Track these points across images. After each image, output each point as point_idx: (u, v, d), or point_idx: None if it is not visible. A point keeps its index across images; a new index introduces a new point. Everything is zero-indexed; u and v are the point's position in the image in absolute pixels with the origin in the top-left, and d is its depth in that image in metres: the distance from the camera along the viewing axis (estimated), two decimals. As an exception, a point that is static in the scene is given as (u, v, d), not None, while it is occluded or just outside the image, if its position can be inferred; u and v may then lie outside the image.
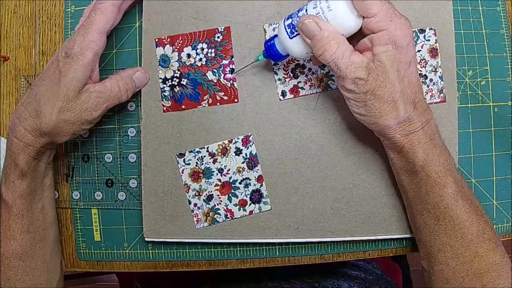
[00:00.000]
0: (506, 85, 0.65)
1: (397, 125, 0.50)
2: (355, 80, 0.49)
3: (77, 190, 0.66)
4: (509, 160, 0.65)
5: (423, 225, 0.55)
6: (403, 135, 0.51)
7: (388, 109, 0.50)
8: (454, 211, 0.52)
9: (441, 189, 0.52)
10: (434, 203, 0.53)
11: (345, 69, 0.49)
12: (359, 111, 0.52)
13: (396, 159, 0.55)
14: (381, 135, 0.54)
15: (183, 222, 0.62)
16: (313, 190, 0.62)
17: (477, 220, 0.52)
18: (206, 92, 0.62)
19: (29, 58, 0.66)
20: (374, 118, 0.51)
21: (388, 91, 0.49)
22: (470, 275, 0.52)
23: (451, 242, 0.52)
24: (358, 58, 0.49)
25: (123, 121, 0.65)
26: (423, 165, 0.52)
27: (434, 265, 0.55)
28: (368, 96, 0.49)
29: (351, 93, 0.50)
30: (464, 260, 0.52)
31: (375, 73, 0.49)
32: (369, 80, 0.49)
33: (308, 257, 0.65)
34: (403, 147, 0.52)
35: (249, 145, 0.62)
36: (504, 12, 0.65)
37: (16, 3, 0.66)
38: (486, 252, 0.52)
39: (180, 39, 0.62)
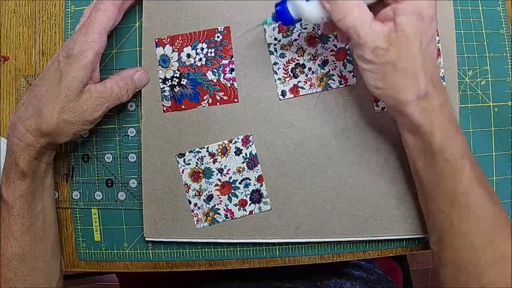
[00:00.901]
0: (506, 85, 0.65)
1: (416, 101, 0.48)
2: (375, 49, 0.46)
3: (77, 190, 0.66)
4: (509, 160, 0.65)
5: (437, 210, 0.53)
6: (422, 113, 0.49)
7: (408, 82, 0.48)
8: (471, 196, 0.50)
9: (458, 173, 0.50)
10: (451, 187, 0.51)
11: (365, 36, 0.46)
12: (376, 84, 0.49)
13: (411, 140, 0.53)
14: (398, 112, 0.51)
15: (183, 222, 0.62)
16: (313, 190, 0.62)
17: (492, 206, 0.51)
18: (206, 92, 0.62)
19: (29, 58, 0.66)
20: (393, 92, 0.49)
21: (410, 63, 0.47)
22: (482, 264, 0.50)
23: (465, 229, 0.51)
24: (379, 26, 0.46)
25: (123, 121, 0.65)
26: (441, 147, 0.50)
27: (447, 251, 0.53)
28: (388, 67, 0.47)
29: (369, 63, 0.48)
30: (477, 248, 0.51)
31: (397, 43, 0.46)
32: (390, 50, 0.46)
33: (308, 257, 0.65)
34: (421, 126, 0.49)
35: (249, 145, 0.62)
36: (504, 12, 0.65)
37: (16, 3, 0.66)
38: (500, 240, 0.51)
39: (180, 39, 0.62)
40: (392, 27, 0.47)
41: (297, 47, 0.62)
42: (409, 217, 0.61)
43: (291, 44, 0.61)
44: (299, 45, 0.61)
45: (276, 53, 0.61)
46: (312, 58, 0.62)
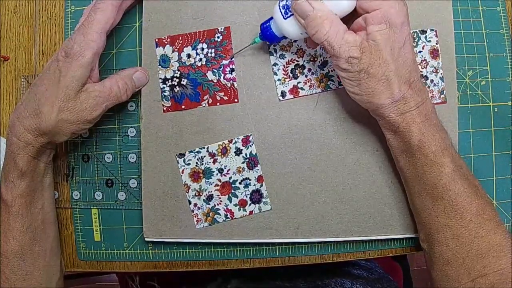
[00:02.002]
0: (506, 85, 0.65)
1: (391, 104, 0.51)
2: (348, 59, 0.49)
3: (77, 190, 0.66)
4: (509, 160, 0.65)
5: (422, 206, 0.55)
6: (398, 114, 0.51)
7: (382, 88, 0.50)
8: (452, 190, 0.52)
9: (438, 169, 0.52)
10: (432, 183, 0.53)
11: (339, 48, 0.49)
12: (353, 90, 0.52)
13: (392, 139, 0.55)
14: (377, 115, 0.54)
15: (183, 222, 0.62)
16: (313, 190, 0.62)
17: (476, 199, 0.52)
18: (206, 92, 0.62)
19: (29, 58, 0.66)
20: (368, 97, 0.51)
21: (381, 69, 0.49)
22: (470, 256, 0.51)
23: (450, 223, 0.52)
24: (352, 37, 0.49)
25: (123, 121, 0.65)
26: (419, 145, 0.52)
27: (434, 247, 0.54)
28: (362, 74, 0.50)
29: (345, 72, 0.51)
30: (464, 241, 0.52)
31: (368, 51, 0.49)
32: (363, 59, 0.49)
33: (308, 257, 0.65)
34: (398, 126, 0.52)
35: (249, 145, 0.62)
36: (504, 12, 0.65)
37: (16, 3, 0.66)
38: (487, 232, 0.51)
39: (180, 39, 0.62)
40: (364, 36, 0.50)
41: (297, 48, 0.62)
42: (408, 217, 0.61)
43: (290, 45, 0.61)
44: (298, 46, 0.62)
45: (275, 54, 0.61)
46: (311, 59, 0.62)
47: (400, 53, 0.50)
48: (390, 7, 0.48)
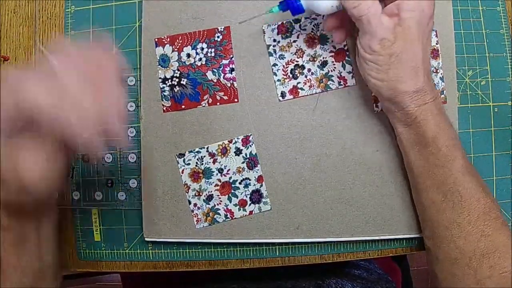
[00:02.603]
0: (506, 85, 0.65)
1: (414, 93, 0.51)
2: (382, 40, 0.49)
3: (77, 190, 0.66)
4: (509, 160, 0.65)
5: (430, 202, 0.55)
6: (417, 105, 0.51)
7: (410, 74, 0.50)
8: (462, 186, 0.52)
9: (450, 163, 0.52)
10: (443, 177, 0.53)
11: (376, 26, 0.49)
12: (379, 75, 0.52)
13: (405, 133, 0.55)
14: (394, 104, 0.53)
15: (183, 222, 0.62)
16: (313, 190, 0.62)
17: (484, 197, 0.52)
18: (206, 92, 0.62)
19: (29, 58, 0.66)
20: (394, 83, 0.51)
21: (413, 56, 0.50)
22: (477, 255, 0.51)
23: (458, 220, 0.52)
24: (387, 20, 0.49)
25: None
26: (434, 137, 0.52)
27: (441, 245, 0.54)
28: (393, 59, 0.50)
29: (375, 54, 0.50)
30: (471, 239, 0.52)
31: (402, 37, 0.49)
32: (396, 43, 0.49)
33: (308, 257, 0.65)
34: (416, 117, 0.52)
35: (249, 145, 0.62)
36: (504, 12, 0.65)
37: (16, 3, 0.66)
38: (493, 231, 0.51)
39: (180, 39, 0.62)
40: (398, 21, 0.49)
41: (296, 48, 0.62)
42: (409, 217, 0.61)
43: (290, 45, 0.62)
44: (298, 46, 0.62)
45: (275, 54, 0.61)
46: (311, 59, 0.62)
47: (426, 44, 0.51)
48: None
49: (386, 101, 0.54)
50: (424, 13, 0.49)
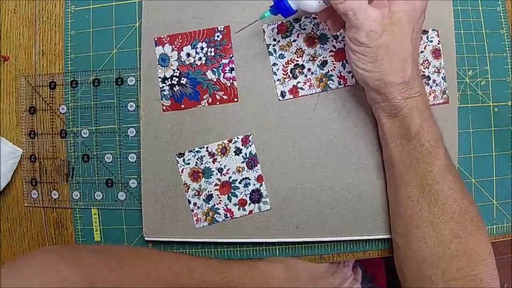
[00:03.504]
0: (506, 85, 0.65)
1: (400, 85, 0.51)
2: (369, 33, 0.49)
3: (77, 190, 0.66)
4: (509, 160, 0.65)
5: (406, 197, 0.55)
6: (404, 97, 0.51)
7: (397, 66, 0.50)
8: (440, 184, 0.52)
9: (431, 159, 0.52)
10: (423, 174, 0.53)
11: (362, 19, 0.48)
12: (365, 66, 0.51)
13: (389, 124, 0.54)
14: (381, 94, 0.53)
15: (183, 222, 0.62)
16: (312, 189, 0.62)
17: (461, 198, 0.52)
18: (205, 91, 0.62)
19: (29, 58, 0.67)
20: (382, 74, 0.51)
21: (401, 48, 0.50)
22: (446, 257, 0.51)
23: (432, 218, 0.52)
24: (375, 12, 0.49)
25: (123, 121, 0.65)
26: (418, 132, 0.52)
27: (412, 243, 0.54)
28: (381, 51, 0.49)
29: (362, 46, 0.50)
30: (443, 239, 0.52)
31: (391, 28, 0.49)
32: (384, 35, 0.49)
33: (308, 257, 0.65)
34: (401, 109, 0.52)
35: (248, 144, 0.62)
36: (504, 12, 0.65)
37: (16, 3, 0.67)
38: (465, 233, 0.52)
39: (180, 38, 0.62)
40: (386, 13, 0.49)
41: (296, 47, 0.62)
42: (408, 217, 0.61)
43: (290, 45, 0.62)
44: (298, 45, 0.62)
45: (275, 54, 0.61)
46: (311, 59, 0.62)
47: (416, 38, 0.51)
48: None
49: (372, 91, 0.54)
50: (416, 7, 0.49)
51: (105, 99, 0.65)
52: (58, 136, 0.66)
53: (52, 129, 0.66)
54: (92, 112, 0.65)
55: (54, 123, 0.66)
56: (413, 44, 0.51)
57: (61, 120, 0.66)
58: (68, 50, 0.66)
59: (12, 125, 0.67)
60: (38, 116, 0.66)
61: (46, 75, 0.66)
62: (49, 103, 0.66)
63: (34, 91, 0.66)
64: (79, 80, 0.65)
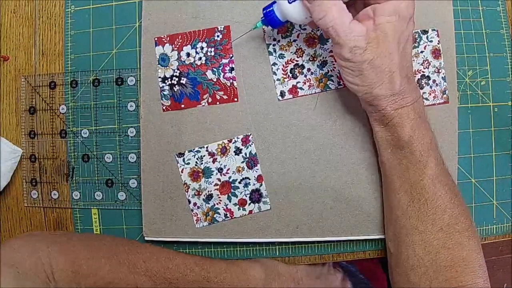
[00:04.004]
0: (506, 85, 0.65)
1: (390, 97, 0.50)
2: (353, 48, 0.48)
3: (77, 190, 0.66)
4: (509, 160, 0.65)
5: (397, 204, 0.55)
6: (394, 108, 0.51)
7: (384, 79, 0.49)
8: (429, 194, 0.52)
9: (421, 168, 0.52)
10: (412, 181, 0.53)
11: (344, 36, 0.48)
12: (353, 80, 0.51)
13: (381, 132, 0.54)
14: (371, 106, 0.53)
15: (183, 222, 0.62)
16: (312, 189, 0.62)
17: (451, 208, 0.52)
18: (205, 91, 0.62)
19: (29, 58, 0.67)
20: (369, 88, 0.50)
21: (387, 61, 0.49)
22: (434, 266, 0.51)
23: (421, 227, 0.52)
24: (358, 26, 0.48)
25: (123, 121, 0.65)
26: (408, 141, 0.52)
27: (401, 250, 0.54)
28: (365, 65, 0.49)
29: (347, 61, 0.50)
30: (430, 249, 0.52)
31: (375, 42, 0.48)
32: (368, 49, 0.48)
33: (308, 257, 0.65)
34: (392, 120, 0.52)
35: (248, 144, 0.62)
36: (504, 12, 0.65)
37: (16, 3, 0.67)
38: (455, 245, 0.51)
39: (180, 38, 0.62)
40: (371, 26, 0.48)
41: (296, 47, 0.62)
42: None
43: (290, 45, 0.62)
44: (298, 45, 0.62)
45: (275, 54, 0.62)
46: (311, 59, 0.62)
47: (404, 47, 0.50)
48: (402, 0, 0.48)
49: (363, 101, 0.54)
50: (401, 17, 0.48)
51: (105, 99, 0.65)
52: (58, 136, 0.66)
53: (52, 129, 0.66)
54: (92, 112, 0.65)
55: (54, 123, 0.66)
56: (401, 54, 0.50)
57: (61, 120, 0.66)
58: (68, 50, 0.66)
59: (12, 125, 0.67)
60: (38, 116, 0.67)
61: (46, 75, 0.66)
62: (49, 103, 0.66)
63: (34, 91, 0.66)
64: (79, 80, 0.65)
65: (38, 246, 0.53)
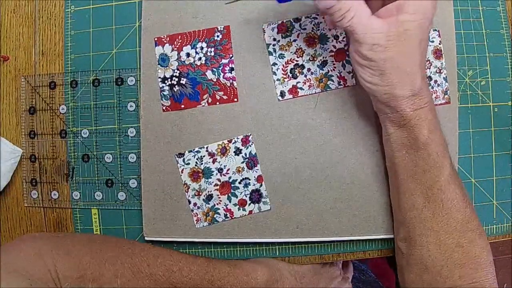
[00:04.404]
0: (506, 85, 0.65)
1: (410, 97, 0.49)
2: (373, 46, 0.47)
3: (77, 190, 0.66)
4: (509, 160, 0.65)
5: (411, 205, 0.54)
6: (413, 109, 0.50)
7: (406, 79, 0.48)
8: (446, 194, 0.52)
9: (438, 170, 0.52)
10: (429, 183, 0.52)
11: (364, 34, 0.47)
12: (372, 79, 0.50)
13: (396, 134, 0.53)
14: (389, 107, 0.51)
15: (183, 222, 0.62)
16: (312, 190, 0.62)
17: (464, 208, 0.52)
18: (205, 92, 0.62)
19: (29, 58, 0.67)
20: (389, 88, 0.49)
21: (410, 60, 0.48)
22: (449, 265, 0.51)
23: (436, 227, 0.52)
24: (378, 24, 0.47)
25: (123, 121, 0.65)
26: (426, 143, 0.51)
27: (414, 249, 0.54)
28: (387, 64, 0.47)
29: (367, 60, 0.48)
30: (445, 248, 0.52)
31: (398, 40, 0.47)
32: (389, 47, 0.47)
33: (308, 257, 0.65)
34: (410, 121, 0.50)
35: (248, 145, 0.62)
36: (504, 12, 0.65)
37: (16, 3, 0.67)
38: (468, 243, 0.51)
39: (180, 38, 0.62)
40: (393, 24, 0.47)
41: (296, 47, 0.62)
42: (408, 217, 0.61)
43: (290, 45, 0.61)
44: (298, 45, 0.61)
45: (275, 54, 0.61)
46: (311, 59, 0.62)
47: (424, 47, 0.49)
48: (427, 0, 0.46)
49: (380, 103, 0.53)
50: (426, 16, 0.47)
51: (105, 99, 0.65)
52: (58, 136, 0.66)
53: (52, 129, 0.66)
54: (92, 112, 0.65)
55: (54, 123, 0.66)
56: (422, 54, 0.49)
57: (61, 120, 0.66)
58: (68, 50, 0.66)
59: (12, 125, 0.67)
60: (38, 116, 0.66)
61: (46, 75, 0.66)
62: (49, 103, 0.66)
63: (34, 91, 0.66)
64: (79, 80, 0.65)
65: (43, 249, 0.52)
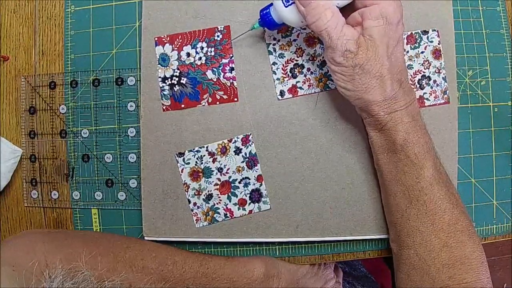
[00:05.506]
0: (506, 85, 0.65)
1: (382, 102, 0.50)
2: (345, 52, 0.48)
3: (77, 190, 0.66)
4: (509, 160, 0.65)
5: (396, 206, 0.55)
6: (387, 112, 0.51)
7: (375, 84, 0.50)
8: (428, 195, 0.52)
9: (418, 171, 0.52)
10: (409, 184, 0.53)
11: (337, 40, 0.48)
12: (345, 85, 0.51)
13: (376, 137, 0.55)
14: (365, 111, 0.53)
15: (183, 221, 0.62)
16: (312, 189, 0.62)
17: (451, 208, 0.52)
18: (205, 91, 0.62)
19: (29, 58, 0.67)
20: (361, 93, 0.51)
21: (376, 66, 0.49)
22: (437, 265, 0.51)
23: (421, 228, 0.52)
24: (350, 31, 0.49)
25: (123, 121, 0.65)
26: (403, 145, 0.52)
27: (403, 250, 0.55)
28: (357, 70, 0.49)
29: (339, 66, 0.50)
30: (432, 248, 0.52)
31: (365, 47, 0.48)
32: (359, 54, 0.48)
33: (308, 257, 0.65)
34: (386, 124, 0.52)
35: (248, 144, 0.62)
36: (504, 12, 0.65)
37: (16, 3, 0.67)
38: (456, 243, 0.51)
39: (180, 38, 0.62)
40: (360, 31, 0.49)
41: (296, 47, 0.62)
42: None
43: (290, 44, 0.62)
44: (298, 45, 0.62)
45: (275, 53, 0.62)
46: (311, 59, 0.62)
47: (393, 51, 0.50)
48: (389, 4, 0.48)
49: (356, 107, 0.55)
50: (389, 20, 0.48)
51: (105, 99, 0.65)
52: (58, 136, 0.66)
53: (52, 129, 0.66)
54: (92, 112, 0.65)
55: (54, 123, 0.66)
56: (390, 59, 0.50)
57: (61, 120, 0.66)
58: (68, 50, 0.66)
59: (12, 125, 0.67)
60: (38, 116, 0.67)
61: (46, 75, 0.66)
62: (49, 103, 0.66)
63: (34, 91, 0.66)
64: (79, 80, 0.65)
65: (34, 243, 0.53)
